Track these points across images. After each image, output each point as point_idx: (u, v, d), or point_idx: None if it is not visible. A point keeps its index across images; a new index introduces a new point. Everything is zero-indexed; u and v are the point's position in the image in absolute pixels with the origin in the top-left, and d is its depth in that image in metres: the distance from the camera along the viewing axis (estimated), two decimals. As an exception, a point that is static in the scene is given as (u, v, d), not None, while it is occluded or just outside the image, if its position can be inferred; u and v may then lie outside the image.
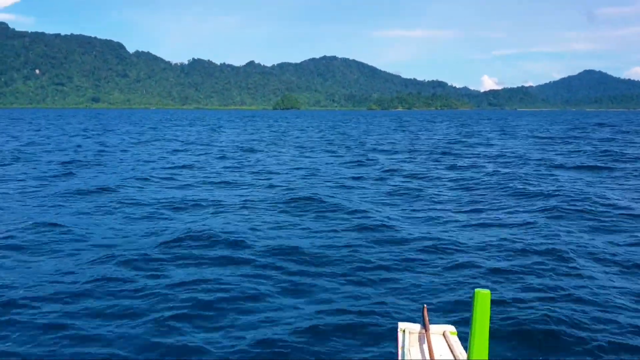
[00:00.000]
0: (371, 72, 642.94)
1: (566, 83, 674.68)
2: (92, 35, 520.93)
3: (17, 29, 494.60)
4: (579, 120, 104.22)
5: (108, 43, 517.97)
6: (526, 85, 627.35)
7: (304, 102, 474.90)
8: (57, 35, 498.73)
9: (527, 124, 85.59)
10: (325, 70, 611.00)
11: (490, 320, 2.52)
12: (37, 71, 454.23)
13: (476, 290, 2.53)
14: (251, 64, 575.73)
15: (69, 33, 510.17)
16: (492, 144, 38.42)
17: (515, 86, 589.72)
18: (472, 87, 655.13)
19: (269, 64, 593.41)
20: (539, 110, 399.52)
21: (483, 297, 2.51)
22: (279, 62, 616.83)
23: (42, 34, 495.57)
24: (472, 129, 64.58)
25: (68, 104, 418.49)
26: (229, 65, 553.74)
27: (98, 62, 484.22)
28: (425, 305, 4.51)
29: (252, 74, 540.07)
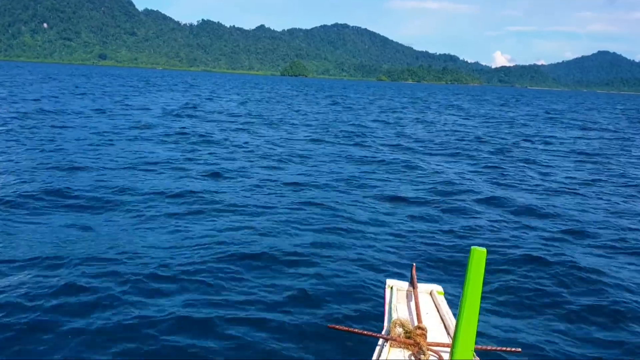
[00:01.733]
0: (382, 43, 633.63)
1: (579, 63, 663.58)
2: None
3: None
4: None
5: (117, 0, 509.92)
6: (538, 63, 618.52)
7: (313, 69, 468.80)
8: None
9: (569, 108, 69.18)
10: (336, 38, 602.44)
11: (484, 280, 2.58)
12: (45, 25, 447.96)
13: (472, 247, 2.59)
14: (261, 28, 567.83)
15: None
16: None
17: (527, 64, 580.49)
18: (483, 63, 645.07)
19: (279, 29, 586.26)
20: (549, 90, 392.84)
21: (479, 255, 2.58)
22: (290, 27, 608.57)
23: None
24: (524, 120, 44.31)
25: (75, 60, 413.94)
26: (239, 29, 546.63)
27: (106, 18, 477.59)
28: (414, 264, 4.54)
29: (261, 39, 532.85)
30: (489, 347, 3.56)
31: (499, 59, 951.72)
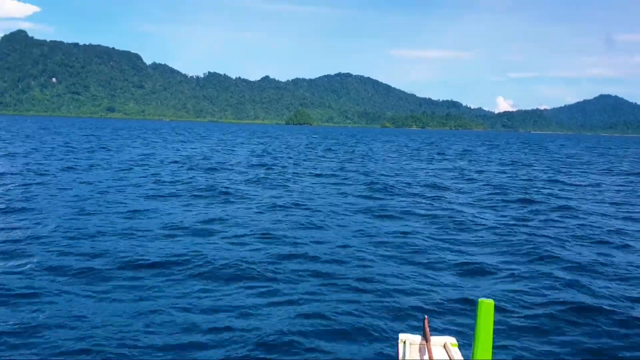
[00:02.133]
0: (385, 90, 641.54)
1: (581, 107, 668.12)
2: (110, 46, 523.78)
3: (36, 37, 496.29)
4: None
5: (126, 54, 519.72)
6: (541, 108, 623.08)
7: (317, 118, 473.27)
8: (76, 45, 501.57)
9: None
10: (339, 87, 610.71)
11: (494, 330, 2.38)
12: (54, 79, 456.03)
13: (480, 299, 2.42)
14: (266, 78, 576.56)
15: (87, 43, 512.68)
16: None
17: (529, 108, 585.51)
18: (486, 108, 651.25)
19: (283, 79, 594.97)
20: (555, 134, 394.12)
21: (486, 307, 2.41)
22: (294, 77, 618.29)
23: (61, 42, 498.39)
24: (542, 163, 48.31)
25: (83, 113, 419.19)
26: (244, 80, 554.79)
27: (115, 72, 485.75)
28: (426, 317, 4.46)
29: (266, 89, 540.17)
30: None
31: (502, 104, 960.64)
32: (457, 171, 33.20)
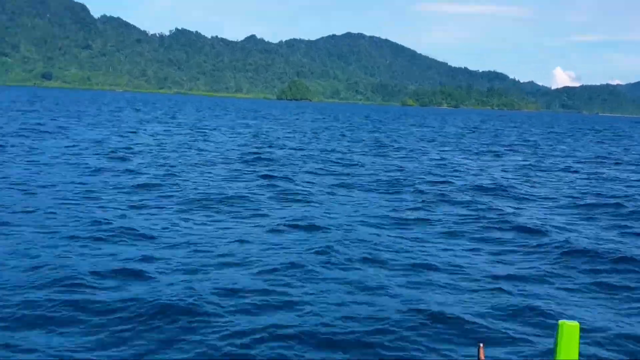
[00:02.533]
0: (409, 57, 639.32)
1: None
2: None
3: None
4: None
5: (67, 4, 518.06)
6: (612, 83, 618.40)
7: (318, 91, 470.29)
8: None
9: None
10: (348, 52, 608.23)
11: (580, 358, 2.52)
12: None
13: (560, 322, 2.57)
14: (252, 39, 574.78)
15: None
16: None
17: (598, 84, 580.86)
18: (540, 83, 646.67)
19: (274, 41, 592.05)
20: (633, 117, 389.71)
21: (570, 331, 2.54)
22: (288, 38, 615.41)
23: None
24: None
25: (11, 81, 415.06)
26: (223, 40, 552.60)
27: (53, 28, 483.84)
28: (481, 344, 4.69)
29: (252, 52, 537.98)
30: None
31: (561, 78, 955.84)
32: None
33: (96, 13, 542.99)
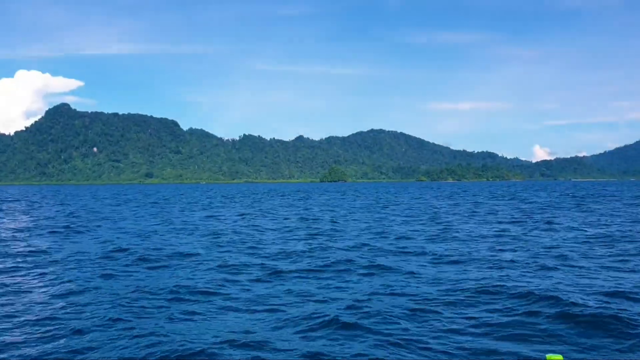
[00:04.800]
0: (419, 144, 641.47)
1: (622, 153, 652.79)
2: (149, 114, 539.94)
3: (79, 109, 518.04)
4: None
5: (163, 121, 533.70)
6: (580, 155, 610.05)
7: (351, 174, 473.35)
8: (115, 115, 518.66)
9: None
10: (373, 143, 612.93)
11: None
12: (95, 149, 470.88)
13: (548, 356, 2.22)
14: (300, 138, 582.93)
15: (126, 112, 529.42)
16: None
17: (568, 156, 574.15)
18: (523, 158, 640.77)
19: (317, 138, 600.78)
20: (597, 181, 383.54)
21: None
22: (327, 136, 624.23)
23: (101, 113, 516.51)
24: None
25: (122, 180, 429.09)
26: (279, 140, 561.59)
27: (153, 139, 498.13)
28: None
29: (300, 148, 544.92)
30: None
31: (539, 153, 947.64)
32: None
33: (185, 126, 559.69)
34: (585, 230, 27.71)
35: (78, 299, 12.73)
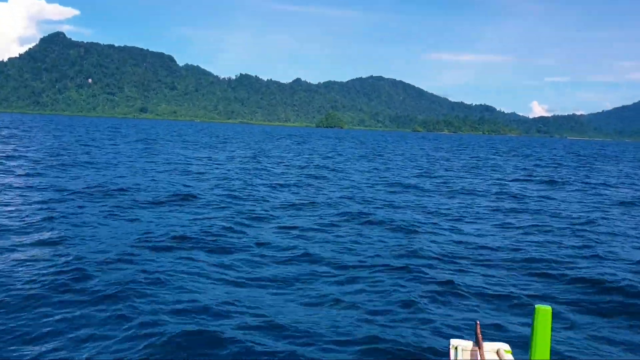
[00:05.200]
0: (418, 94, 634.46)
1: (619, 113, 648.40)
2: (145, 48, 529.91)
3: (74, 39, 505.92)
4: None
5: (159, 55, 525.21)
6: (577, 113, 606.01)
7: (348, 121, 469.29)
8: (111, 46, 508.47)
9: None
10: (371, 90, 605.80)
11: (551, 338, 2.34)
12: (90, 80, 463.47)
13: (537, 306, 2.38)
14: (297, 81, 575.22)
15: (122, 45, 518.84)
16: None
17: (565, 114, 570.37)
18: (520, 113, 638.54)
19: (314, 82, 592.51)
20: (592, 140, 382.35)
21: (544, 314, 2.36)
22: (325, 80, 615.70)
23: (97, 44, 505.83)
24: None
25: (117, 114, 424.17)
26: (276, 82, 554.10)
27: (148, 73, 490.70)
28: (478, 322, 4.37)
29: (297, 91, 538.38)
30: None
31: (537, 109, 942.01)
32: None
33: (181, 62, 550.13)
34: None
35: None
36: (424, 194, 23.00)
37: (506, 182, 29.47)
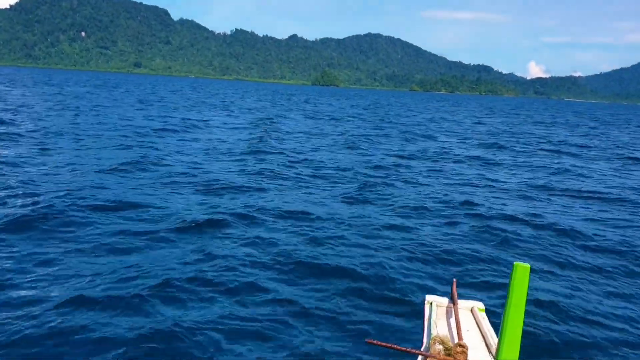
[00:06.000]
0: (415, 52, 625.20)
1: (617, 75, 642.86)
2: (139, 1, 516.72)
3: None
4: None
5: (153, 9, 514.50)
6: (575, 75, 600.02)
7: (344, 79, 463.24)
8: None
9: None
10: (368, 48, 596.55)
11: (527, 296, 2.45)
12: (83, 34, 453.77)
13: (515, 263, 2.47)
14: (293, 37, 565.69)
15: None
16: None
17: (563, 75, 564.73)
18: (518, 74, 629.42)
19: (311, 39, 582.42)
20: (588, 102, 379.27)
21: (522, 271, 2.44)
22: (322, 37, 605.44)
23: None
24: None
25: (110, 68, 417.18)
26: (272, 38, 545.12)
27: (142, 27, 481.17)
28: (455, 280, 4.44)
29: (293, 48, 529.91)
30: None
31: (534, 70, 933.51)
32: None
33: (175, 17, 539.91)
34: None
35: None
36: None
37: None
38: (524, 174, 17.10)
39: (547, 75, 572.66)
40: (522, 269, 2.58)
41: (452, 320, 3.89)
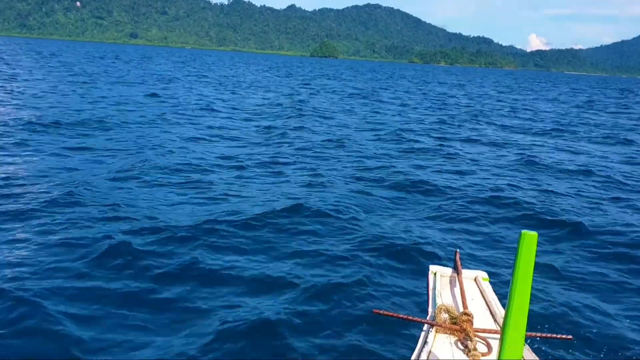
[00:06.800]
0: (415, 24, 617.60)
1: (618, 48, 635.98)
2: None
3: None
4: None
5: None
6: (575, 47, 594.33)
7: (343, 50, 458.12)
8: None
9: None
10: (368, 19, 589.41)
11: (535, 266, 2.42)
12: (78, 3, 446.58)
13: (523, 232, 2.44)
14: (292, 7, 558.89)
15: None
16: None
17: (563, 48, 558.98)
18: (518, 46, 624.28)
19: (309, 9, 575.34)
20: (589, 75, 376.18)
21: (529, 240, 2.41)
22: (321, 7, 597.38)
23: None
24: None
25: (106, 39, 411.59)
26: (269, 8, 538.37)
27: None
28: (457, 250, 4.48)
29: (292, 18, 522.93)
30: (539, 334, 3.45)
31: (534, 42, 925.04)
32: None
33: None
34: None
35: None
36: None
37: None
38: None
39: (547, 48, 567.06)
40: (529, 237, 2.59)
41: (457, 290, 3.92)
